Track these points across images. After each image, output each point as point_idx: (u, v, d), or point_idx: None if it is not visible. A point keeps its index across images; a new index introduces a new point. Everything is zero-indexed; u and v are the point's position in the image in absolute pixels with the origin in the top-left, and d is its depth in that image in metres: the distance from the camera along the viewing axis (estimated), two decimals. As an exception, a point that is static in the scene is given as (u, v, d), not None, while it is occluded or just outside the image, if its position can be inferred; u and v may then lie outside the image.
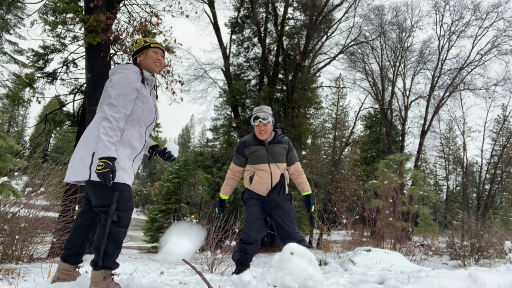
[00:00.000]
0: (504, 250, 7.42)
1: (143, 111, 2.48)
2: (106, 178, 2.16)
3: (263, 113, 3.70)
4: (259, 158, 3.72)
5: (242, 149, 3.81)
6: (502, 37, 22.79)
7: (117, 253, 2.39)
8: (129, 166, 2.43)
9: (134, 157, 2.50)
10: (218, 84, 21.59)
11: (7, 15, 13.38)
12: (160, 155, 2.77)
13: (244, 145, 3.80)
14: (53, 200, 8.03)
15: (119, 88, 2.36)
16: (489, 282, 1.76)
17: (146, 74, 2.59)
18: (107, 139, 2.21)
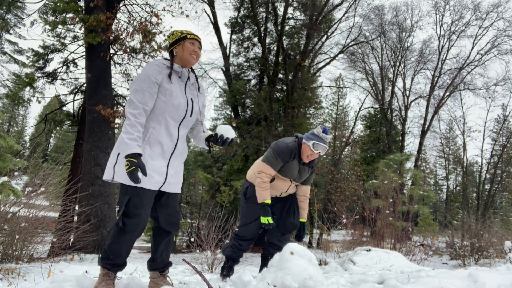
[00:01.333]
0: (504, 250, 7.41)
1: (166, 105, 2.34)
2: (133, 177, 2.09)
3: (325, 148, 3.51)
4: (290, 172, 3.56)
5: (288, 157, 3.52)
6: (502, 37, 22.79)
7: (119, 258, 2.33)
8: (157, 166, 2.31)
9: (169, 156, 2.39)
10: (218, 84, 21.61)
11: (7, 14, 13.39)
12: (215, 143, 2.54)
13: (290, 155, 3.52)
14: (53, 200, 8.04)
15: (137, 84, 2.30)
16: (489, 282, 1.76)
17: (175, 66, 2.49)
18: (127, 137, 2.15)
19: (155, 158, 2.31)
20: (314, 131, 3.56)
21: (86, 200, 8.48)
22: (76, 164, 11.51)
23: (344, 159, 30.17)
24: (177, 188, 2.52)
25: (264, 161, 3.51)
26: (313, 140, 3.47)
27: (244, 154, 17.09)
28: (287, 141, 3.58)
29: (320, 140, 3.50)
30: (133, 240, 2.35)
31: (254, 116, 19.40)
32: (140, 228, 2.31)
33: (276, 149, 3.50)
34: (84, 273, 3.68)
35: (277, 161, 3.48)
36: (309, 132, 3.60)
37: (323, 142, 3.51)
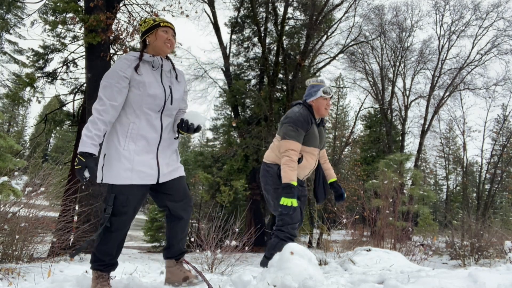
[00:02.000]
0: (504, 250, 7.42)
1: (141, 97, 2.27)
2: (79, 175, 2.06)
3: (331, 89, 3.31)
4: (314, 140, 3.26)
5: (307, 123, 3.20)
6: (502, 37, 22.79)
7: (109, 257, 2.30)
8: (145, 161, 2.25)
9: (156, 148, 2.32)
10: (218, 83, 21.60)
11: (7, 14, 13.39)
12: (182, 130, 2.42)
13: (309, 119, 3.21)
14: (53, 200, 8.04)
15: (106, 80, 2.25)
16: (489, 281, 1.76)
17: (146, 56, 2.39)
18: (84, 134, 2.11)
19: (141, 153, 2.25)
20: (310, 83, 3.43)
21: (86, 200, 8.48)
22: (76, 164, 11.49)
23: (344, 159, 30.18)
24: (176, 174, 2.44)
25: (285, 138, 3.15)
26: (318, 89, 3.31)
27: (244, 154, 17.10)
28: (295, 109, 3.28)
29: (323, 84, 3.36)
30: (121, 238, 2.32)
31: (254, 116, 19.40)
32: (127, 225, 2.30)
33: (291, 121, 3.19)
34: (84, 273, 3.68)
35: (298, 132, 3.16)
36: (307, 90, 3.43)
37: (325, 83, 3.38)
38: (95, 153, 2.11)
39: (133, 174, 2.18)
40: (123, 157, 2.19)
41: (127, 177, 2.18)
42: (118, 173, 2.18)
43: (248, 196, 17.67)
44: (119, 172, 2.18)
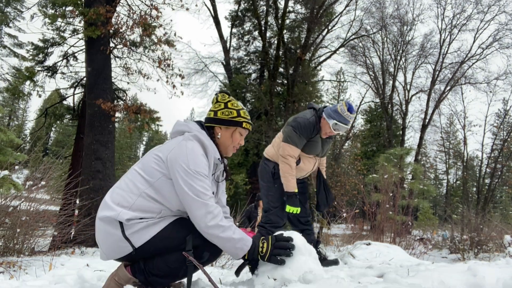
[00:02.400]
0: (503, 244, 7.44)
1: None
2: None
3: (346, 128, 3.31)
4: (315, 149, 3.36)
5: (310, 133, 3.27)
6: (504, 31, 22.66)
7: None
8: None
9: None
10: (218, 78, 21.55)
11: (7, 8, 13.32)
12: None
13: (312, 131, 3.27)
14: (54, 194, 8.07)
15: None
16: (489, 275, 1.77)
17: (214, 155, 2.01)
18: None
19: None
20: (337, 108, 3.25)
21: (87, 194, 8.50)
22: (77, 158, 11.52)
23: (344, 153, 30.19)
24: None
25: (287, 142, 3.24)
26: (335, 120, 3.23)
27: (244, 148, 17.11)
28: (307, 116, 3.32)
29: (342, 120, 3.23)
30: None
31: (254, 110, 19.38)
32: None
33: (297, 126, 3.25)
34: (85, 266, 3.70)
35: (300, 139, 3.25)
36: (333, 108, 3.29)
37: (346, 122, 3.25)
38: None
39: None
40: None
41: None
42: None
43: (248, 190, 17.70)
44: None
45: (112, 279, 1.97)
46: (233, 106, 2.10)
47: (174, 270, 1.89)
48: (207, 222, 1.80)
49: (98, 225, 1.91)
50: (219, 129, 2.09)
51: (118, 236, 1.84)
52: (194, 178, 1.82)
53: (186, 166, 1.83)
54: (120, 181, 2.02)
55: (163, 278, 1.92)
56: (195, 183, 1.82)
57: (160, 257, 1.89)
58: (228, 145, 2.10)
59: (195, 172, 1.83)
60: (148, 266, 1.90)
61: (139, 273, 1.91)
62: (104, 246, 1.92)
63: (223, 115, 2.08)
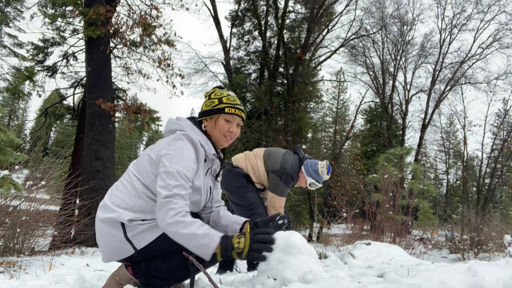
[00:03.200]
0: (503, 244, 7.44)
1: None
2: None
3: (318, 186, 3.58)
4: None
5: (292, 183, 3.55)
6: (504, 31, 22.67)
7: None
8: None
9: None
10: (218, 77, 21.55)
11: (7, 8, 13.32)
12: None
13: (294, 181, 3.53)
14: (54, 194, 8.07)
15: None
16: (489, 275, 1.77)
17: (209, 151, 1.98)
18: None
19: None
20: (319, 169, 3.46)
21: (87, 194, 8.50)
22: (77, 158, 11.52)
23: (344, 153, 30.19)
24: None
25: (279, 195, 3.42)
26: (313, 179, 3.46)
27: (244, 148, 17.09)
28: (295, 168, 3.48)
29: (319, 180, 3.48)
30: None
31: (254, 110, 19.38)
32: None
33: (287, 180, 3.43)
34: (85, 266, 3.70)
35: (288, 189, 3.50)
36: (314, 166, 3.49)
37: (321, 182, 3.51)
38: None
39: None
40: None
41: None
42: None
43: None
44: None
45: (113, 279, 1.97)
46: (216, 95, 2.05)
47: (175, 272, 1.88)
48: (166, 219, 1.68)
49: (98, 227, 1.90)
50: (205, 121, 2.05)
51: (119, 237, 1.83)
52: (171, 177, 1.76)
53: (169, 164, 1.79)
54: (118, 182, 2.00)
55: (164, 280, 1.90)
56: (169, 180, 1.75)
57: (161, 259, 1.87)
58: (218, 136, 2.02)
59: (175, 171, 1.77)
60: (150, 267, 1.89)
61: (140, 274, 1.90)
62: (105, 247, 1.91)
63: (205, 107, 2.05)
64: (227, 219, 2.16)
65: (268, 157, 3.52)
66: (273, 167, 3.45)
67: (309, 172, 3.45)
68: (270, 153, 3.57)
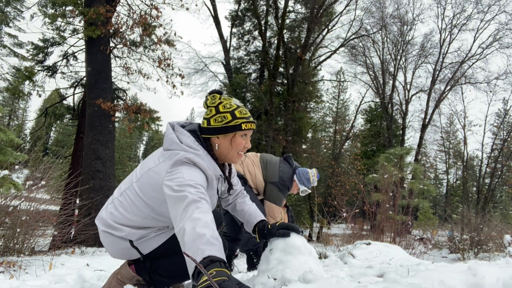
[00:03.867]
0: (503, 244, 7.45)
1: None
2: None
3: (308, 192, 3.78)
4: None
5: (286, 193, 3.73)
6: (504, 31, 22.67)
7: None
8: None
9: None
10: (218, 77, 21.56)
11: (7, 7, 13.31)
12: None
13: (288, 191, 3.73)
14: (54, 194, 8.07)
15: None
16: (489, 275, 1.77)
17: (215, 173, 1.83)
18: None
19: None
20: (310, 177, 3.68)
21: (87, 194, 8.51)
22: (77, 158, 11.52)
23: (344, 153, 30.17)
24: None
25: (278, 205, 3.57)
26: (305, 187, 3.67)
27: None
28: (291, 179, 3.65)
29: (309, 187, 3.69)
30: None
31: (254, 110, 19.38)
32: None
33: (284, 190, 3.61)
34: (85, 266, 3.70)
35: (284, 198, 3.67)
36: (305, 175, 3.68)
37: (310, 188, 3.72)
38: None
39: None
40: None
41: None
42: None
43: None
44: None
45: (114, 278, 1.97)
46: (226, 108, 1.80)
47: (180, 271, 1.85)
48: (193, 214, 1.48)
49: (103, 235, 1.88)
50: (216, 139, 1.82)
51: (126, 245, 1.86)
52: (184, 186, 1.59)
53: (180, 182, 1.61)
54: (122, 198, 1.87)
55: (168, 278, 1.91)
56: (183, 189, 1.58)
57: (166, 258, 1.89)
58: (232, 154, 1.84)
59: (186, 183, 1.60)
60: (154, 265, 1.90)
61: (144, 271, 1.92)
62: (111, 250, 1.93)
63: (216, 123, 1.80)
64: (242, 215, 2.09)
65: (265, 168, 3.62)
66: (271, 179, 3.58)
67: (302, 181, 3.67)
68: (266, 163, 3.64)
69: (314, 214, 17.10)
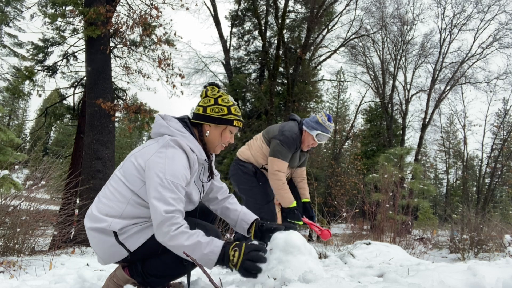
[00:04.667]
0: (503, 244, 7.44)
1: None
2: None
3: (328, 138, 3.45)
4: (292, 162, 3.46)
5: (294, 148, 3.38)
6: (504, 30, 22.66)
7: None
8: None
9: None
10: (218, 77, 21.55)
11: (7, 7, 13.31)
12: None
13: (298, 144, 3.38)
14: (54, 193, 8.07)
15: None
16: (489, 275, 1.77)
17: (200, 157, 1.94)
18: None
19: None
20: (318, 119, 3.36)
21: (87, 194, 8.50)
22: (77, 158, 11.52)
23: (344, 153, 30.18)
24: None
25: (276, 157, 3.29)
26: (318, 131, 3.34)
27: (244, 148, 17.07)
28: (294, 129, 3.40)
29: (324, 130, 3.35)
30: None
31: (254, 110, 19.38)
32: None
33: (285, 141, 3.31)
34: (85, 265, 3.70)
35: (288, 153, 3.34)
36: (312, 119, 3.40)
37: (327, 131, 3.36)
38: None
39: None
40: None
41: None
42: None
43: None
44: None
45: (111, 280, 1.97)
46: (224, 102, 1.98)
47: (172, 269, 1.88)
48: (170, 232, 1.65)
49: (89, 234, 1.89)
50: (208, 126, 1.99)
51: (111, 242, 1.82)
52: (167, 189, 1.71)
53: (163, 176, 1.73)
54: (104, 189, 1.94)
55: (161, 278, 1.91)
56: (166, 193, 1.70)
57: (156, 258, 1.87)
58: (217, 144, 2.01)
59: (170, 182, 1.72)
60: (146, 267, 1.89)
61: (137, 275, 1.90)
62: (99, 252, 1.90)
63: (213, 112, 1.96)
64: (236, 214, 2.16)
65: (268, 132, 3.48)
66: (272, 135, 3.39)
67: (311, 126, 3.37)
68: (268, 129, 3.54)
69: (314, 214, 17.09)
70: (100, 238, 1.84)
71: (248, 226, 2.11)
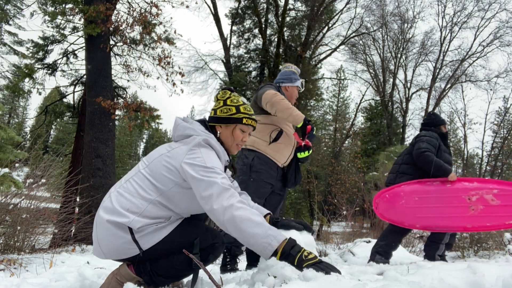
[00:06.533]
0: (503, 242, 7.45)
1: (191, 202, 1.92)
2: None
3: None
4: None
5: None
6: (505, 29, 22.60)
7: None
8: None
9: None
10: (218, 75, 21.51)
11: (6, 5, 13.29)
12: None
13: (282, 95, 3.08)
14: (54, 192, 8.07)
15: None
16: (488, 273, 1.77)
17: (224, 158, 2.00)
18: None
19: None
20: (292, 69, 3.29)
21: (87, 192, 8.51)
22: (77, 156, 11.53)
23: (344, 151, 30.15)
24: None
25: (269, 90, 3.04)
26: (298, 79, 3.26)
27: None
28: (271, 85, 3.21)
29: (300, 77, 3.29)
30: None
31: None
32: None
33: (271, 87, 3.12)
34: (85, 263, 3.70)
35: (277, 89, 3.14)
36: (286, 73, 3.30)
37: (297, 72, 3.34)
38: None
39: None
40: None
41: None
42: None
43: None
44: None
45: (114, 278, 1.96)
46: (232, 102, 2.04)
47: (180, 271, 1.91)
48: (235, 204, 1.68)
49: (103, 226, 1.86)
50: (219, 127, 2.05)
51: (127, 239, 1.83)
52: (214, 172, 1.77)
53: (204, 165, 1.79)
54: (128, 184, 1.93)
55: (168, 278, 1.94)
56: (213, 175, 1.76)
57: (165, 258, 1.89)
58: (231, 144, 2.05)
59: (212, 167, 1.79)
60: (154, 267, 1.90)
61: (145, 273, 1.91)
62: (107, 245, 1.88)
63: (222, 113, 2.03)
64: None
65: (255, 99, 3.19)
66: (256, 99, 3.15)
67: (290, 79, 3.29)
68: (252, 105, 3.19)
69: (314, 212, 17.12)
70: (114, 232, 1.83)
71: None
